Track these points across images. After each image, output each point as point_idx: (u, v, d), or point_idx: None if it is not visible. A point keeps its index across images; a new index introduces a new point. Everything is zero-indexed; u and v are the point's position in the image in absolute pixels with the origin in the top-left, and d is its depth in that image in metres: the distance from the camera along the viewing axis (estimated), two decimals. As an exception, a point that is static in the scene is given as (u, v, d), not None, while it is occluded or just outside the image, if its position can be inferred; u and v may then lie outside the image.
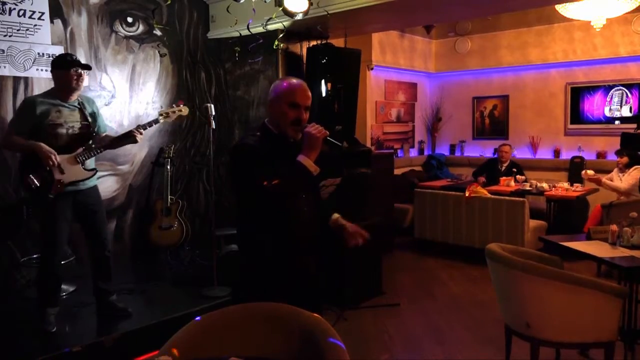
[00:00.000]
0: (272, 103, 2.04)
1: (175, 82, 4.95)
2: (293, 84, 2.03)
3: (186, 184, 5.07)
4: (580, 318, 2.61)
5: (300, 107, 2.00)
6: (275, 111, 2.02)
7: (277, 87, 2.03)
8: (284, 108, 1.99)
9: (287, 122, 1.99)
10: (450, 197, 5.69)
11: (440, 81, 8.23)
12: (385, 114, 7.51)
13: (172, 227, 4.51)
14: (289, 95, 2.00)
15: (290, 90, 2.01)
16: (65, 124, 3.18)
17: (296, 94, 2.00)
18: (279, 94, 2.01)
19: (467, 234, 5.52)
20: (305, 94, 2.02)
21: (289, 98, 1.99)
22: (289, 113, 1.98)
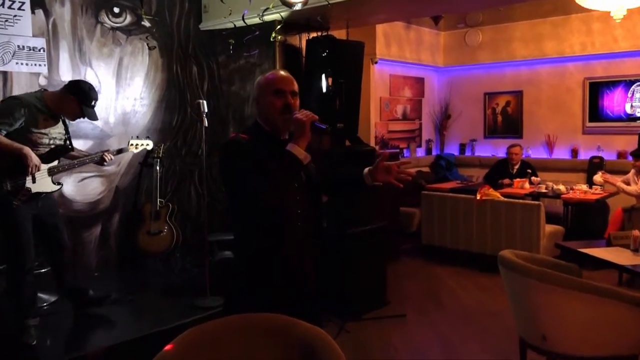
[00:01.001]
0: (257, 100, 2.09)
1: (165, 77, 4.95)
2: (273, 73, 2.09)
3: (177, 186, 5.07)
4: (600, 330, 2.60)
5: (286, 93, 2.03)
6: (263, 105, 2.06)
7: (259, 82, 2.10)
8: (269, 99, 2.03)
9: (276, 112, 2.02)
10: (460, 201, 5.69)
11: (450, 76, 8.23)
12: (391, 111, 7.50)
13: (161, 233, 4.51)
14: (271, 84, 2.05)
15: (272, 79, 2.06)
16: (49, 135, 3.23)
17: (278, 80, 2.05)
18: (262, 87, 2.07)
19: (479, 239, 5.51)
20: (287, 79, 2.06)
21: (271, 87, 2.04)
22: (275, 102, 2.02)
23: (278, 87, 2.03)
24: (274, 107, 2.02)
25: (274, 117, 2.03)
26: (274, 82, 2.05)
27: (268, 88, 2.04)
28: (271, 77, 2.07)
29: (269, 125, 2.06)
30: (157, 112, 4.87)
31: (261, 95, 2.07)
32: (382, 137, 7.29)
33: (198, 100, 4.04)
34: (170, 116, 4.97)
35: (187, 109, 5.06)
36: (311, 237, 2.09)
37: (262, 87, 2.07)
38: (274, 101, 2.02)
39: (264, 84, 2.07)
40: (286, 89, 2.03)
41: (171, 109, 4.98)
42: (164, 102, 4.95)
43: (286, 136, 2.07)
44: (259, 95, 2.08)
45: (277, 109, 2.02)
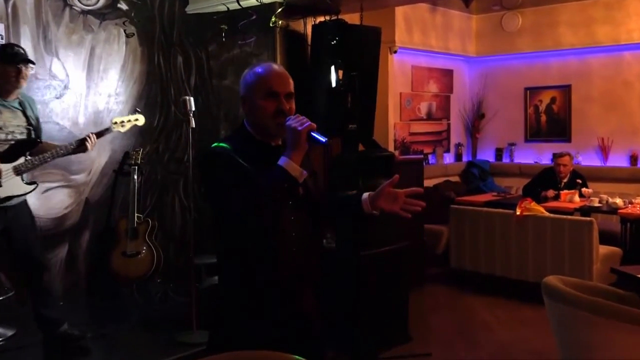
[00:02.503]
0: (245, 100, 2.06)
1: (144, 69, 4.99)
2: (264, 68, 2.06)
3: (158, 198, 5.09)
4: (666, 373, 2.58)
5: (279, 95, 2.01)
6: (251, 108, 2.04)
7: (247, 79, 2.07)
8: (258, 101, 2.01)
9: (268, 117, 2.00)
10: (497, 216, 5.67)
11: (483, 67, 8.24)
12: (413, 110, 7.52)
13: (139, 254, 4.52)
14: (262, 84, 2.02)
15: (264, 78, 2.03)
16: (5, 128, 3.25)
17: (270, 79, 2.02)
18: (250, 85, 2.04)
19: (519, 263, 5.49)
20: (281, 78, 2.04)
21: (263, 87, 2.01)
22: (266, 106, 2.00)
23: (271, 88, 2.00)
24: (265, 112, 2.00)
25: (265, 123, 2.01)
26: (266, 81, 2.01)
27: (259, 88, 2.02)
28: (263, 75, 2.03)
29: (259, 130, 2.05)
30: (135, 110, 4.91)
31: (250, 95, 2.04)
32: (402, 141, 7.30)
33: (184, 97, 4.06)
34: (151, 116, 5.01)
35: (171, 107, 5.09)
36: (310, 266, 2.08)
37: (252, 86, 2.04)
38: (266, 105, 2.00)
39: (254, 82, 2.03)
40: (280, 90, 2.01)
41: (152, 107, 5.02)
42: (143, 99, 4.99)
43: (279, 142, 2.07)
44: (247, 95, 2.05)
45: (268, 114, 2.00)
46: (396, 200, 2.10)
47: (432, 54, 7.57)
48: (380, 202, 2.10)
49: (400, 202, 2.10)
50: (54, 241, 4.53)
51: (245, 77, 2.08)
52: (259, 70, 2.05)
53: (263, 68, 2.06)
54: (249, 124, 2.07)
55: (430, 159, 7.71)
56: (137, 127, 4.91)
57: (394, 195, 2.11)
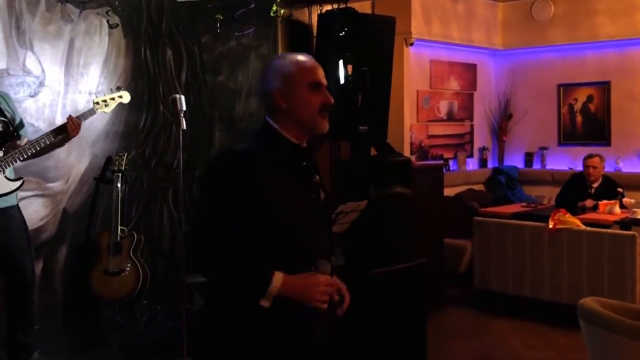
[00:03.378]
0: (280, 93, 2.05)
1: (129, 64, 5.01)
2: (302, 58, 2.09)
3: (144, 209, 5.09)
4: None
5: (323, 86, 2.07)
6: (291, 102, 2.05)
7: (281, 68, 2.07)
8: (304, 95, 2.04)
9: (315, 112, 2.04)
10: (527, 230, 5.65)
11: (511, 61, 8.23)
12: (431, 109, 7.51)
13: (123, 272, 4.52)
14: (305, 74, 2.05)
15: (306, 67, 2.07)
16: None
17: (314, 69, 2.07)
18: (290, 76, 2.05)
19: (552, 283, 5.46)
20: (320, 68, 2.10)
21: (306, 78, 2.05)
22: (313, 99, 2.04)
23: (315, 78, 2.05)
24: (312, 106, 2.04)
25: (311, 118, 2.05)
26: (309, 71, 2.06)
27: (301, 78, 2.05)
28: (306, 64, 2.07)
29: (298, 127, 2.06)
30: (119, 110, 4.91)
31: (289, 87, 2.05)
32: (419, 144, 7.29)
33: (174, 95, 4.06)
34: (137, 116, 5.02)
35: (160, 106, 5.10)
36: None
37: (292, 77, 2.05)
38: (312, 98, 2.04)
39: (295, 72, 2.06)
40: (324, 82, 2.07)
41: (138, 107, 5.03)
42: (128, 98, 5.01)
43: (304, 142, 2.10)
44: (285, 88, 2.05)
45: (315, 108, 2.04)
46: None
47: (453, 47, 7.57)
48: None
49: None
50: (28, 257, 4.53)
51: (279, 67, 2.08)
52: (298, 58, 2.08)
53: (300, 57, 2.09)
54: (281, 121, 2.07)
55: (451, 165, 7.70)
56: (121, 127, 4.95)
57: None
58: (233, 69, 5.35)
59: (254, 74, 5.46)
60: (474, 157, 8.13)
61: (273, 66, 2.09)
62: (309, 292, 1.97)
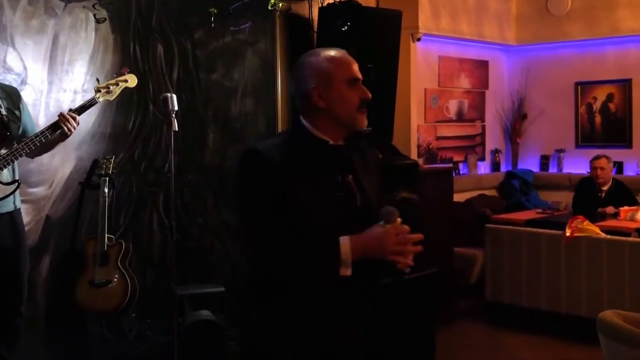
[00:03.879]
0: (318, 92, 2.12)
1: (117, 60, 5.01)
2: (337, 54, 2.17)
3: (133, 215, 5.09)
4: None
5: (360, 81, 2.15)
6: (329, 99, 2.12)
7: (317, 65, 2.14)
8: (343, 92, 2.11)
9: (354, 108, 2.12)
10: (542, 238, 5.64)
11: (525, 58, 8.23)
12: (440, 109, 7.51)
13: (110, 283, 4.52)
14: (342, 69, 2.13)
15: (342, 62, 2.14)
16: None
17: (351, 65, 2.15)
18: (326, 72, 2.12)
19: (569, 295, 5.46)
20: (355, 63, 2.18)
21: (344, 73, 2.13)
22: (352, 95, 2.12)
23: (353, 74, 2.13)
24: (351, 103, 2.12)
25: (350, 115, 2.12)
26: (346, 66, 2.14)
27: (339, 75, 2.12)
28: (342, 59, 2.15)
29: (334, 124, 2.13)
30: (106, 110, 4.92)
31: (326, 84, 2.12)
32: (427, 146, 7.29)
33: (165, 94, 4.06)
34: (125, 116, 5.02)
35: (150, 106, 5.11)
36: (366, 296, 2.22)
37: (329, 73, 2.13)
38: (350, 94, 2.12)
39: (332, 68, 2.13)
40: (360, 76, 2.15)
41: (126, 107, 5.03)
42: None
43: (339, 140, 2.16)
44: (322, 85, 2.12)
45: (354, 105, 2.12)
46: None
47: (463, 42, 7.58)
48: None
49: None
50: (8, 267, 4.53)
51: (314, 65, 2.15)
52: (333, 54, 2.16)
53: (335, 51, 2.17)
54: (317, 120, 2.14)
55: (461, 169, 7.70)
56: (108, 129, 4.95)
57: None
58: (228, 66, 5.35)
59: (251, 71, 5.46)
60: (486, 160, 8.13)
61: (307, 64, 2.16)
62: (381, 245, 2.06)
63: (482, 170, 8.01)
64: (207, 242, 5.32)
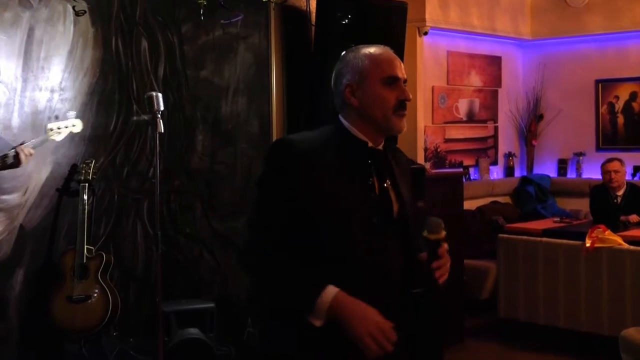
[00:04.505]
0: (350, 89, 2.17)
1: (98, 56, 5.01)
2: (377, 50, 2.20)
3: (115, 225, 5.09)
4: None
5: (400, 82, 2.17)
6: (363, 98, 2.16)
7: (354, 61, 2.18)
8: (377, 90, 2.15)
9: (389, 109, 2.15)
10: (560, 249, 5.65)
11: (541, 53, 8.25)
12: (449, 109, 7.52)
13: (89, 299, 4.52)
14: (380, 67, 2.16)
15: (381, 59, 2.18)
16: None
17: (390, 62, 2.17)
18: (363, 70, 2.16)
19: (590, 311, 5.46)
20: (398, 60, 2.21)
21: (381, 71, 2.15)
22: (387, 95, 2.14)
23: (392, 72, 2.16)
24: (387, 103, 2.14)
25: (385, 116, 2.15)
26: (384, 64, 2.17)
27: (377, 73, 2.16)
28: (381, 56, 2.18)
29: (369, 125, 2.17)
30: (85, 110, 4.92)
31: (361, 82, 2.16)
32: (435, 149, 7.30)
33: (150, 93, 4.07)
34: (107, 117, 5.02)
35: (133, 105, 5.11)
36: (401, 315, 2.25)
37: (363, 70, 2.17)
38: (387, 94, 2.15)
39: (369, 65, 2.17)
40: (401, 75, 2.17)
41: (108, 106, 5.03)
42: (96, 96, 5.00)
43: (380, 144, 2.21)
44: (357, 82, 2.16)
45: (390, 106, 2.15)
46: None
47: (474, 36, 7.60)
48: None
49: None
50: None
51: (351, 60, 2.20)
52: (370, 50, 2.19)
53: (376, 48, 2.20)
54: (353, 119, 2.18)
55: (472, 174, 7.70)
56: (89, 132, 4.94)
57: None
58: (219, 62, 5.35)
59: (243, 68, 5.47)
60: (499, 165, 8.14)
61: (345, 60, 2.21)
62: (363, 323, 2.01)
63: (494, 176, 8.01)
64: (196, 254, 5.32)
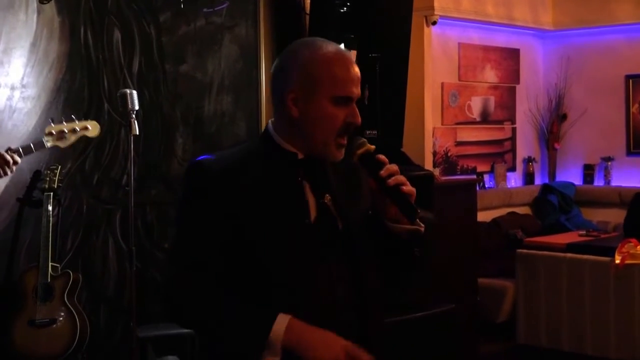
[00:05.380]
0: (294, 96, 2.01)
1: (64, 49, 5.01)
2: (336, 54, 2.04)
3: (83, 239, 5.08)
4: None
5: (353, 100, 2.02)
6: (306, 110, 2.01)
7: (306, 62, 2.01)
8: (326, 107, 2.00)
9: (333, 134, 2.02)
10: (586, 266, 5.65)
11: (564, 45, 8.25)
12: (460, 108, 7.52)
13: (54, 323, 4.51)
14: (334, 82, 1.99)
15: (337, 71, 2.00)
16: None
17: (348, 76, 2.02)
18: (313, 77, 2.00)
19: (620, 336, 5.46)
20: (357, 73, 2.05)
21: (335, 89, 1.99)
22: (336, 114, 2.01)
23: (347, 91, 2.00)
24: (332, 124, 2.00)
25: (325, 139, 2.01)
26: (341, 76, 2.00)
27: (329, 87, 1.99)
28: (337, 64, 2.01)
29: (301, 142, 2.04)
30: (50, 109, 4.92)
31: (311, 93, 1.99)
32: (445, 153, 7.29)
33: (123, 90, 4.07)
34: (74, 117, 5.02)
35: (104, 104, 5.11)
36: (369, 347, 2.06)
37: (317, 80, 2.00)
38: (334, 112, 1.99)
39: (323, 74, 2.00)
40: (356, 94, 2.02)
41: (75, 105, 5.03)
42: (62, 94, 5.00)
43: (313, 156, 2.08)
44: (304, 89, 1.99)
45: (335, 128, 2.00)
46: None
47: (488, 27, 7.60)
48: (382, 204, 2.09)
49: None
50: None
51: (302, 60, 2.02)
52: (329, 53, 2.03)
53: (333, 50, 2.03)
54: (286, 129, 2.06)
55: (486, 181, 7.70)
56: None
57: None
58: (201, 55, 5.35)
59: (228, 62, 5.47)
60: (517, 171, 8.13)
61: (294, 57, 2.05)
62: (327, 349, 1.90)
63: (512, 183, 8.01)
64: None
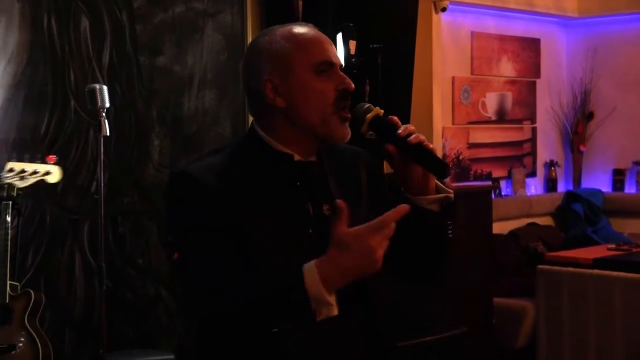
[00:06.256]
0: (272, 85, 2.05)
1: (26, 40, 5.01)
2: (300, 30, 2.11)
3: (46, 254, 5.08)
4: None
5: (336, 67, 2.09)
6: (289, 94, 2.05)
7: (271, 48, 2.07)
8: (310, 81, 2.05)
9: (328, 106, 2.05)
10: (616, 284, 5.65)
11: (591, 35, 8.27)
12: (473, 105, 7.53)
13: (13, 349, 4.50)
14: (307, 51, 2.06)
15: (306, 42, 2.07)
16: None
17: (320, 44, 2.09)
18: (284, 57, 2.05)
19: (655, 363, 5.46)
20: (328, 42, 2.13)
21: (310, 56, 2.05)
22: (322, 86, 2.06)
23: (324, 56, 2.06)
24: (323, 98, 2.04)
25: (322, 116, 2.05)
26: (313, 45, 2.07)
27: (303, 57, 2.04)
28: (305, 37, 2.09)
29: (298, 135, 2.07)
30: (8, 107, 4.92)
31: (287, 71, 2.04)
32: (456, 157, 7.30)
33: (92, 85, 4.07)
34: (36, 116, 5.02)
35: (71, 101, 5.10)
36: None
37: (286, 57, 2.05)
38: (321, 85, 2.04)
39: (291, 50, 2.05)
40: (336, 60, 2.09)
41: (38, 102, 5.03)
42: (23, 89, 5.00)
43: (312, 156, 2.12)
44: (279, 76, 2.04)
45: (327, 100, 2.04)
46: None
47: (505, 13, 7.62)
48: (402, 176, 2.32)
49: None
50: None
51: (267, 47, 2.08)
52: (294, 30, 2.09)
53: (299, 28, 2.11)
54: (276, 127, 2.08)
55: (503, 188, 7.70)
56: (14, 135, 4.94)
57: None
58: (180, 46, 5.35)
59: (211, 54, 5.47)
60: (537, 177, 8.14)
61: (258, 48, 2.10)
62: (362, 260, 1.84)
63: (532, 191, 8.02)
64: (150, 292, 5.30)
